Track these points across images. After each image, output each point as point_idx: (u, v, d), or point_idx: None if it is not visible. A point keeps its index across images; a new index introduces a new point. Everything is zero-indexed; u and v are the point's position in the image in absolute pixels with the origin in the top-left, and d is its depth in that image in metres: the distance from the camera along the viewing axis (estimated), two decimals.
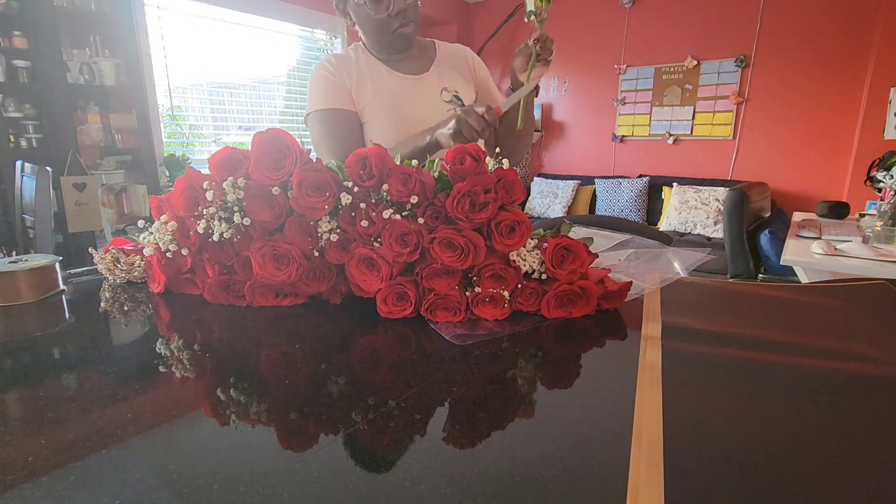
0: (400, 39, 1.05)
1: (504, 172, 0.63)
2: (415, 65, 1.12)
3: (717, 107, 3.96)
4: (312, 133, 1.10)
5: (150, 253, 0.73)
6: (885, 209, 2.20)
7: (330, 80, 1.07)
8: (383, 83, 1.08)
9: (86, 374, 0.51)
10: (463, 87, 1.15)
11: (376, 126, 1.08)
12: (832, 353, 0.53)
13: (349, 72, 1.08)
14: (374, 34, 1.05)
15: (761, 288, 0.79)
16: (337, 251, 0.66)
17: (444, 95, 1.11)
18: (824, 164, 3.62)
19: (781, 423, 0.41)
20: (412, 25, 1.04)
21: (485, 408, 0.44)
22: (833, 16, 3.42)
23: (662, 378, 0.47)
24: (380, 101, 1.07)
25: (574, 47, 4.49)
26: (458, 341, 0.56)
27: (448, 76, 1.14)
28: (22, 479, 0.34)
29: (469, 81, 1.17)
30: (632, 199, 4.12)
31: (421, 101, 1.10)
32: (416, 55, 1.13)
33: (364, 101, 1.08)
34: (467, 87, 1.16)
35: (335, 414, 0.42)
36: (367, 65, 1.10)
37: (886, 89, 3.21)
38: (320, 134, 1.08)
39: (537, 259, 0.64)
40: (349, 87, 1.08)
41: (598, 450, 0.38)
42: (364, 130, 1.10)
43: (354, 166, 0.64)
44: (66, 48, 2.59)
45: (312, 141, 1.10)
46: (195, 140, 3.51)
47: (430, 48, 1.17)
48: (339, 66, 1.08)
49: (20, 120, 2.49)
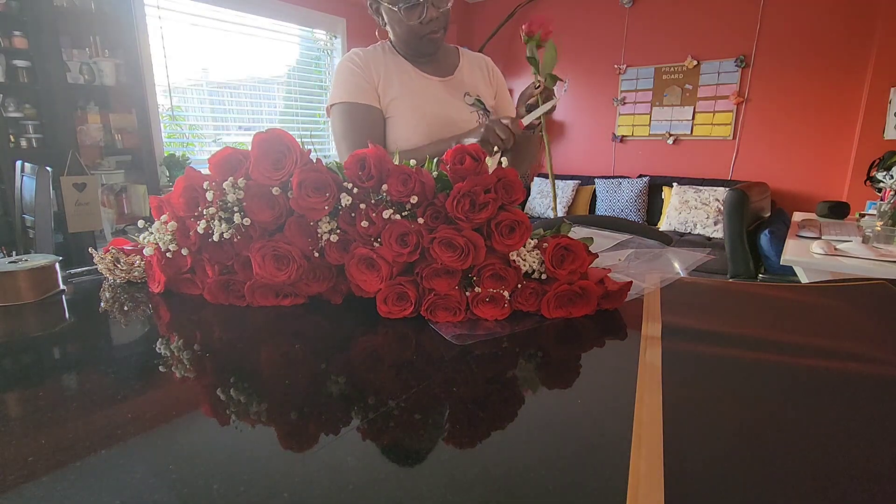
0: (429, 45, 1.08)
1: (504, 172, 0.63)
2: (441, 67, 1.15)
3: (717, 107, 3.96)
4: (334, 125, 1.11)
5: (150, 253, 0.73)
6: (885, 209, 2.20)
7: (356, 73, 1.08)
8: (411, 81, 1.11)
9: (86, 374, 0.51)
10: (485, 92, 1.19)
11: (400, 123, 1.09)
12: (832, 353, 0.53)
13: (377, 67, 1.10)
14: (404, 38, 1.07)
15: (761, 288, 0.79)
16: (337, 252, 0.66)
17: (467, 99, 1.15)
18: (824, 164, 3.62)
19: (781, 423, 0.41)
20: (442, 32, 1.07)
21: (485, 408, 0.44)
22: (833, 16, 3.42)
23: (662, 378, 0.47)
24: (406, 98, 1.09)
25: (574, 47, 4.49)
26: (458, 341, 0.56)
27: (471, 81, 1.18)
28: (22, 479, 0.33)
29: (490, 88, 1.21)
30: (632, 199, 4.12)
31: (446, 102, 1.12)
32: (442, 58, 1.16)
33: (390, 97, 1.09)
34: (488, 93, 1.20)
35: (335, 414, 0.42)
36: (394, 62, 1.12)
37: (886, 89, 3.21)
38: (342, 128, 1.10)
39: (537, 259, 0.64)
40: (375, 83, 1.09)
41: (597, 450, 0.38)
42: (387, 126, 1.11)
43: (353, 167, 0.64)
44: (66, 48, 2.59)
45: (333, 133, 1.12)
46: (195, 140, 3.51)
47: (454, 53, 1.20)
48: (366, 61, 1.09)
49: (20, 120, 2.49)
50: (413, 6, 1.01)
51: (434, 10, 1.02)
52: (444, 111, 1.11)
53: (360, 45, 1.14)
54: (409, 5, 1.01)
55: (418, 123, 1.09)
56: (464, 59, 1.20)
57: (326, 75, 4.26)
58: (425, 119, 1.09)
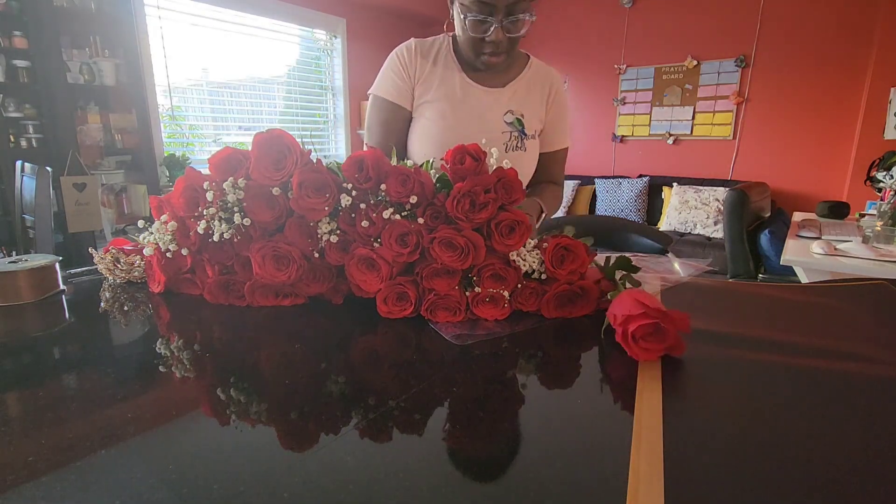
0: (485, 65, 1.01)
1: (504, 172, 0.63)
2: (493, 77, 1.08)
3: (717, 107, 3.96)
4: (368, 112, 1.11)
5: (150, 253, 0.73)
6: (885, 209, 2.20)
7: (399, 72, 1.06)
8: (450, 88, 1.05)
9: (86, 374, 0.51)
10: (534, 112, 1.11)
11: (423, 126, 1.07)
12: (832, 353, 0.53)
13: (423, 67, 1.05)
14: (463, 44, 1.01)
15: (761, 288, 0.79)
16: (337, 252, 0.66)
17: (507, 117, 1.07)
18: (824, 164, 3.62)
19: (781, 423, 0.41)
20: (503, 57, 0.99)
21: (485, 408, 0.44)
22: (833, 16, 3.42)
23: (662, 378, 0.47)
24: (438, 102, 1.05)
25: (574, 47, 4.49)
26: (458, 341, 0.56)
27: (521, 98, 1.09)
28: (22, 479, 0.34)
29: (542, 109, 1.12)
30: (632, 199, 4.12)
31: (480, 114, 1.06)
32: (502, 69, 1.07)
33: (423, 99, 1.06)
34: (538, 113, 1.12)
35: (335, 414, 0.42)
36: (444, 63, 1.06)
37: (886, 89, 3.21)
38: (371, 120, 1.10)
39: (537, 259, 0.64)
40: (413, 84, 1.06)
41: (597, 450, 0.38)
42: (412, 125, 1.09)
43: (351, 169, 0.64)
44: (66, 48, 2.59)
45: (366, 119, 1.12)
46: (195, 140, 3.51)
47: (520, 63, 1.11)
48: (414, 59, 1.05)
49: (20, 120, 2.49)
50: (481, 21, 0.91)
51: (502, 34, 0.93)
52: (471, 124, 1.05)
53: (360, 45, 1.14)
54: (476, 18, 0.91)
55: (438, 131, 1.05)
56: (528, 72, 1.10)
57: (326, 75, 4.26)
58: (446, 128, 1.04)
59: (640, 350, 0.51)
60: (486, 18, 0.91)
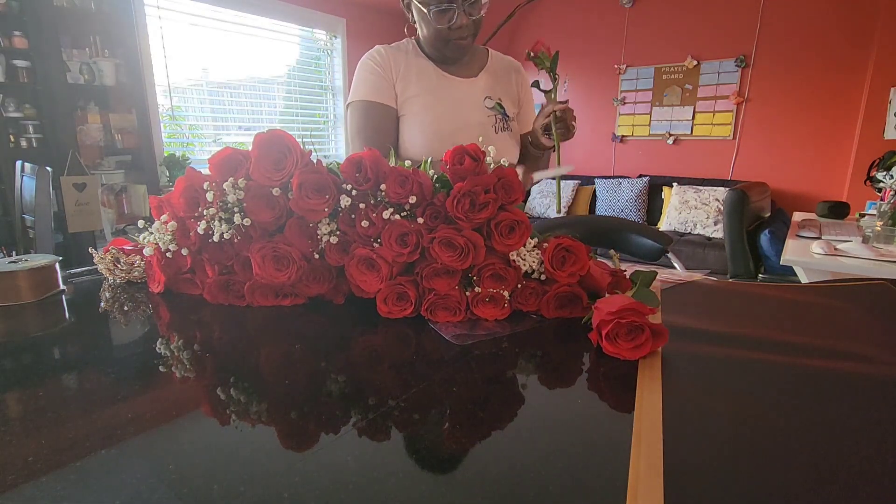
0: (455, 50, 1.07)
1: (504, 172, 0.63)
2: (465, 69, 1.14)
3: (717, 107, 3.96)
4: (351, 121, 1.12)
5: (150, 253, 0.73)
6: (885, 209, 2.20)
7: (376, 72, 1.08)
8: (429, 81, 1.10)
9: (86, 374, 0.51)
10: (508, 96, 1.18)
11: (413, 122, 1.09)
12: (832, 353, 0.53)
13: (397, 65, 1.09)
14: (430, 40, 1.06)
15: (761, 288, 0.79)
16: (337, 253, 0.66)
17: (487, 103, 1.14)
18: (824, 164, 3.62)
19: (781, 422, 0.41)
20: (470, 38, 1.05)
21: (485, 408, 0.44)
22: (833, 16, 3.42)
23: (662, 378, 0.47)
24: (421, 97, 1.09)
25: (574, 47, 4.49)
26: (458, 341, 0.56)
27: (495, 85, 1.16)
28: (22, 479, 0.34)
29: (513, 94, 1.20)
30: (632, 199, 4.13)
31: (463, 103, 1.12)
32: (468, 60, 1.15)
33: (406, 95, 1.09)
34: (512, 96, 1.19)
35: (335, 414, 0.42)
36: (416, 61, 1.11)
37: (886, 89, 3.21)
38: (358, 125, 1.10)
39: (537, 259, 0.64)
40: (393, 80, 1.09)
41: (597, 449, 0.38)
42: (400, 124, 1.11)
43: (349, 170, 0.64)
44: (66, 48, 2.59)
45: (350, 129, 1.12)
46: (195, 140, 3.51)
47: (482, 55, 1.19)
48: (387, 59, 1.09)
49: (20, 120, 2.49)
50: (444, 10, 0.99)
51: (465, 18, 1.00)
52: (458, 112, 1.11)
53: (360, 45, 1.15)
54: (439, 9, 0.98)
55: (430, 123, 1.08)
56: (491, 62, 1.18)
57: (326, 75, 4.26)
58: (436, 119, 1.08)
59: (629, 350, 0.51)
60: (449, 6, 0.98)
